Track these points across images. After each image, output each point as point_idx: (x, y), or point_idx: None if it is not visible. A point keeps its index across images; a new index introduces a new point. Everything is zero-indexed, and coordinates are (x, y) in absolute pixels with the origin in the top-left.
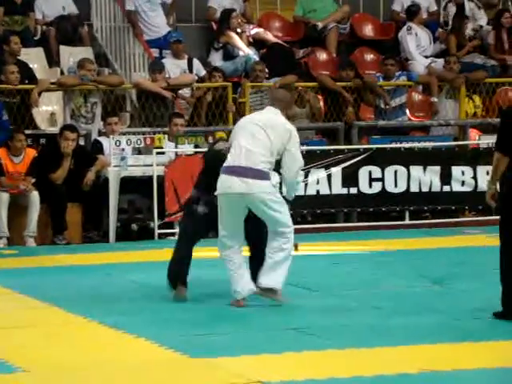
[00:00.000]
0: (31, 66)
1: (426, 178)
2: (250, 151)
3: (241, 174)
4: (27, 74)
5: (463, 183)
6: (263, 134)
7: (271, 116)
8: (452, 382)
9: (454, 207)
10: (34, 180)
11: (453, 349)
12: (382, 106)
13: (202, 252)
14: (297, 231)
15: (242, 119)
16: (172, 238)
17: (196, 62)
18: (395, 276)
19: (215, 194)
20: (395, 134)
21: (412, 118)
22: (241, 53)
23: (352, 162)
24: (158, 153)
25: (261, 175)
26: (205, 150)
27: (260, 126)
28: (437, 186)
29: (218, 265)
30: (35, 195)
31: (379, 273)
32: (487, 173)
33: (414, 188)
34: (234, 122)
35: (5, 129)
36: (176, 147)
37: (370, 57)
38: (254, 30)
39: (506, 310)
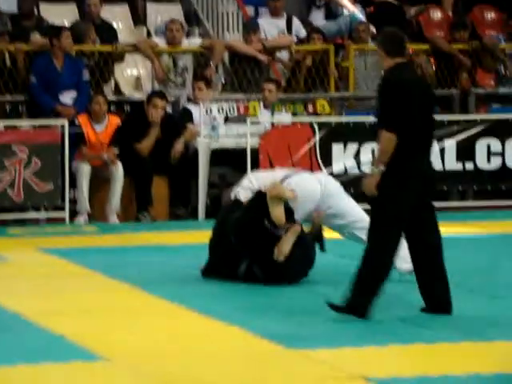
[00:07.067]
0: (115, 24)
1: None
2: None
3: None
4: (109, 34)
5: None
6: None
7: None
8: None
9: None
10: (117, 151)
11: None
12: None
13: None
14: None
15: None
16: None
17: (296, 22)
18: None
19: None
20: None
21: None
22: (345, 11)
23: (468, 133)
24: (252, 122)
25: None
26: (304, 119)
27: None
28: None
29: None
30: (119, 167)
31: (497, 258)
32: None
33: None
34: (336, 89)
35: (84, 90)
36: (272, 116)
37: (490, 15)
38: None
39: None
